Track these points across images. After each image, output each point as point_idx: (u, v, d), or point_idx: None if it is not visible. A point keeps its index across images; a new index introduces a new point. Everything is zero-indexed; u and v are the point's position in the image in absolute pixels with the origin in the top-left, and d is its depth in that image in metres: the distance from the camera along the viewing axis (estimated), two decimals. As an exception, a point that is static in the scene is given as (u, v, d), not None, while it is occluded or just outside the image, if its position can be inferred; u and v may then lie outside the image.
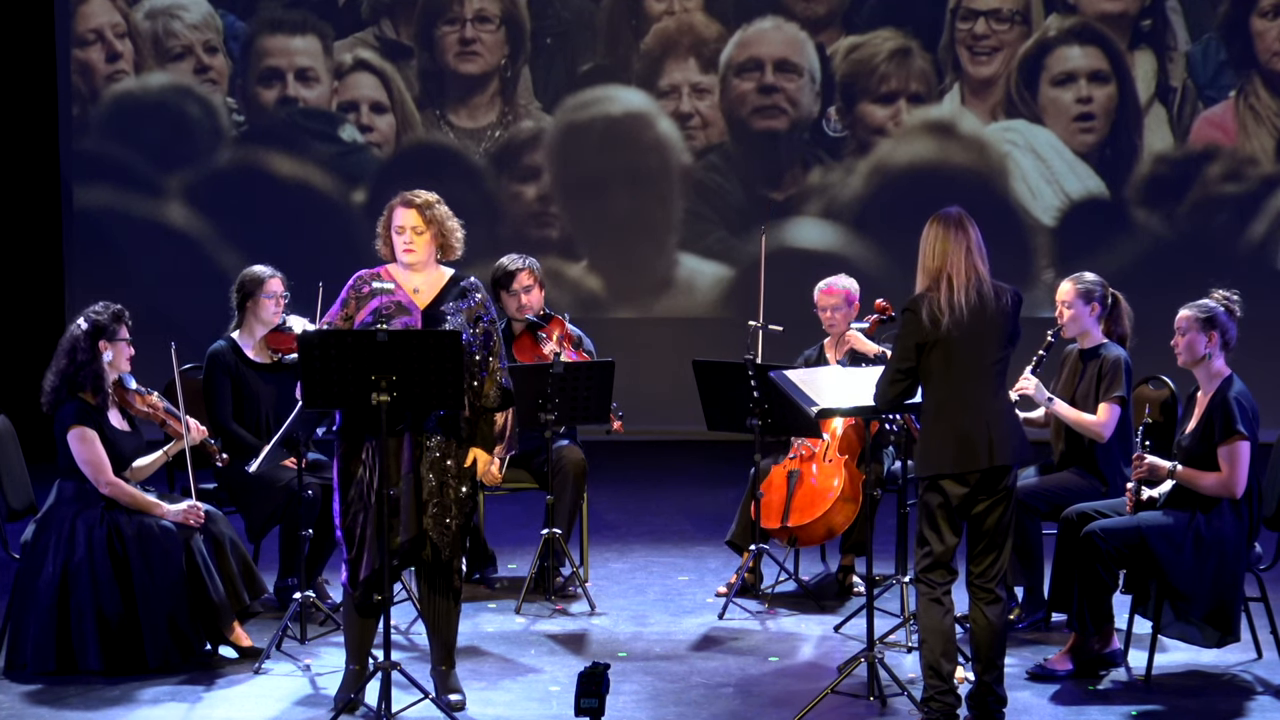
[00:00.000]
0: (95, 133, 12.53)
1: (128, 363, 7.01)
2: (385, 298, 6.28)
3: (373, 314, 6.25)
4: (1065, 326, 7.31)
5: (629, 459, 11.73)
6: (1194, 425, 6.69)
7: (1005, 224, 12.13)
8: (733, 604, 7.80)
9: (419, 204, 6.36)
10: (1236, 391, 6.62)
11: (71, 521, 6.81)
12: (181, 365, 7.31)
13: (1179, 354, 6.72)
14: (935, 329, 5.95)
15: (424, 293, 6.36)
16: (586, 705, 5.34)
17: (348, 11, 12.53)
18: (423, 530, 6.23)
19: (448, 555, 6.27)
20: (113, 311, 6.98)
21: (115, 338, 6.93)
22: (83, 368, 6.88)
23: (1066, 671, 6.74)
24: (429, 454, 6.22)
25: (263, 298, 7.70)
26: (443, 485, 6.24)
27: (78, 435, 6.82)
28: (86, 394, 6.87)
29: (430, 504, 6.22)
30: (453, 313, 6.32)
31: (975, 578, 6.09)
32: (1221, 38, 12.31)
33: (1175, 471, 6.63)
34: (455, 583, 6.35)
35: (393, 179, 12.31)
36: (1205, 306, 6.70)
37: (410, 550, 6.25)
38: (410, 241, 6.33)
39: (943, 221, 6.03)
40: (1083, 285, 7.31)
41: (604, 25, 12.60)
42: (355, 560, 6.24)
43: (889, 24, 12.47)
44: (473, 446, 6.29)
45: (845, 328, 8.10)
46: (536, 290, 8.16)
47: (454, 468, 6.25)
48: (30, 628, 6.79)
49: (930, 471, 6.03)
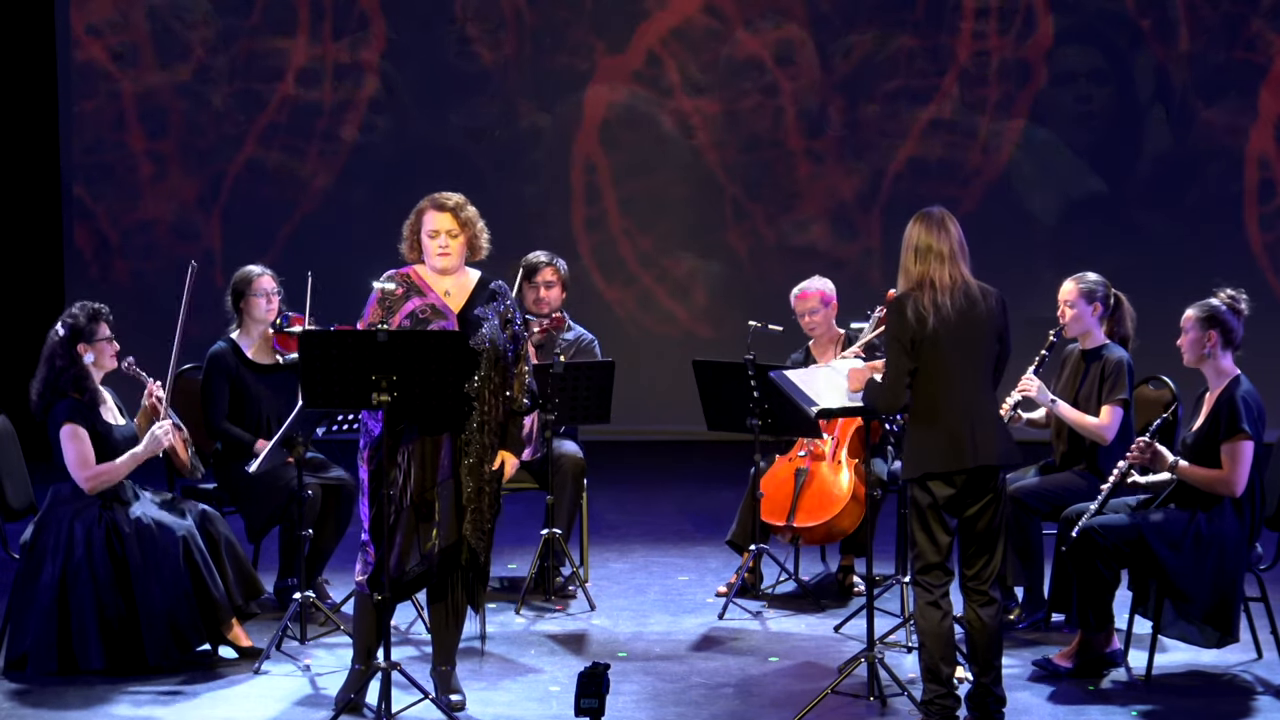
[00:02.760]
0: (95, 132, 12.53)
1: (112, 360, 6.97)
2: (419, 299, 6.26)
3: (409, 317, 6.24)
4: (1067, 326, 7.30)
5: (629, 459, 11.74)
6: (1200, 423, 6.69)
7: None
8: (733, 604, 7.80)
9: (452, 206, 6.32)
10: (1244, 391, 6.62)
11: (70, 522, 6.81)
12: (191, 283, 7.18)
13: (1184, 352, 6.72)
14: (921, 328, 5.95)
15: (455, 295, 6.33)
16: (586, 705, 5.35)
17: (348, 11, 12.53)
18: (461, 535, 6.22)
19: (485, 559, 6.28)
20: (89, 311, 6.95)
21: (94, 339, 6.90)
22: (63, 373, 6.87)
23: (1066, 669, 6.74)
24: (467, 458, 6.21)
25: (253, 296, 7.72)
26: (480, 490, 6.23)
27: (69, 433, 6.81)
28: (75, 393, 6.86)
29: (469, 509, 6.22)
30: (488, 316, 6.30)
31: (969, 580, 6.09)
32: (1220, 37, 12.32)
33: (1177, 466, 6.62)
34: (484, 587, 6.36)
35: (396, 178, 12.35)
36: (1207, 305, 6.70)
37: (448, 555, 6.23)
38: (446, 245, 6.30)
39: (924, 221, 6.03)
40: (1085, 285, 7.30)
41: (604, 22, 12.60)
42: (382, 561, 6.22)
43: (890, 23, 12.46)
44: (502, 450, 6.29)
45: (827, 329, 8.10)
46: (558, 288, 8.24)
47: (488, 472, 6.25)
48: (30, 629, 6.78)
49: (915, 472, 6.04)
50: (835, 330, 8.14)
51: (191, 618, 6.82)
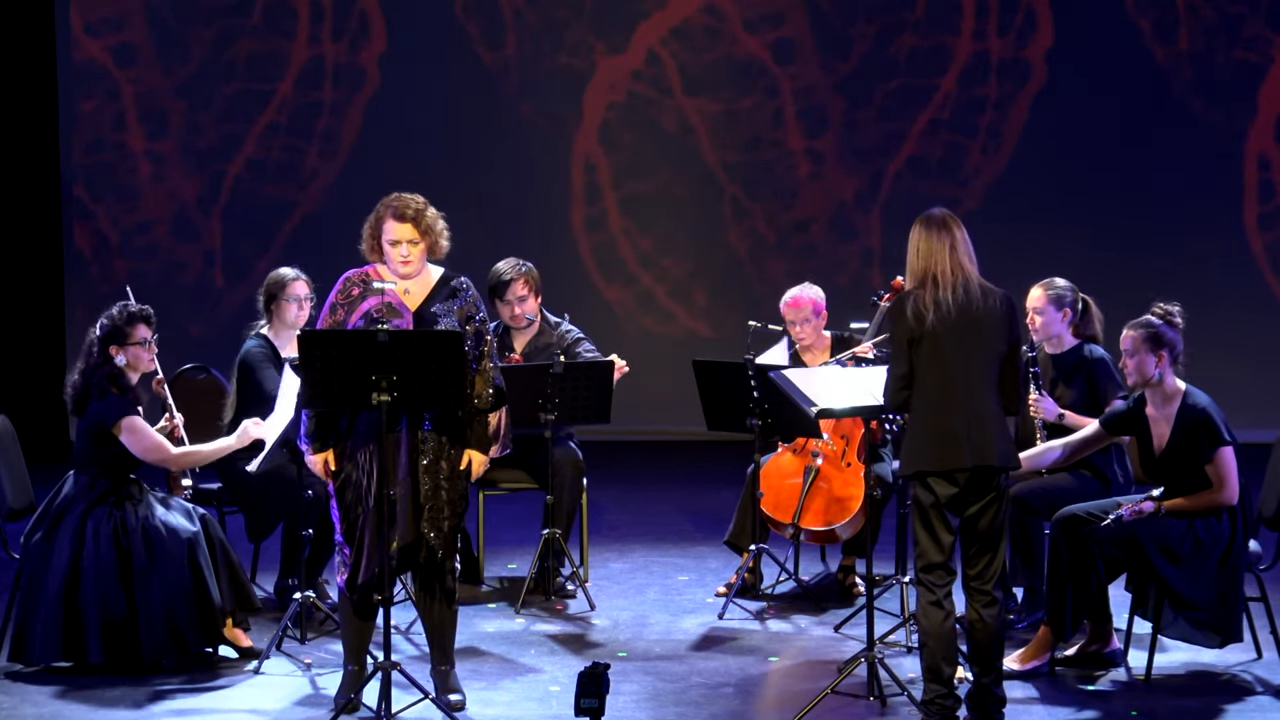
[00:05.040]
0: (95, 132, 12.53)
1: (150, 363, 6.94)
2: (375, 299, 6.26)
3: (364, 317, 6.25)
4: (1037, 332, 7.30)
5: (629, 459, 11.74)
6: (1165, 444, 6.66)
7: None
8: (733, 604, 7.79)
9: (413, 215, 6.30)
10: (1206, 402, 6.61)
11: (82, 517, 6.81)
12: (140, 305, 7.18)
13: (1129, 375, 6.70)
14: (920, 325, 5.95)
15: (414, 294, 6.34)
16: (586, 705, 5.34)
17: (348, 11, 12.53)
18: (420, 534, 6.23)
19: (441, 556, 6.27)
20: (127, 314, 6.92)
21: (128, 341, 6.87)
22: (95, 370, 6.87)
23: (1034, 668, 6.74)
24: (423, 457, 6.22)
25: (285, 300, 7.65)
26: (437, 488, 6.23)
27: (129, 426, 6.80)
28: (114, 389, 6.86)
29: (426, 507, 6.22)
30: (444, 313, 6.31)
31: (972, 580, 6.09)
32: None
33: (1162, 509, 6.62)
34: (449, 583, 6.34)
35: (396, 178, 12.33)
36: (1148, 325, 6.66)
37: (408, 554, 6.25)
38: (408, 254, 6.29)
39: (926, 222, 6.04)
40: (1054, 291, 7.31)
41: (604, 22, 12.61)
42: (355, 564, 6.24)
43: (890, 23, 12.47)
44: (467, 448, 6.29)
45: (816, 339, 8.09)
46: (531, 299, 8.12)
47: (447, 469, 6.25)
48: (39, 618, 6.77)
49: (911, 469, 6.04)
50: (825, 338, 8.12)
51: (190, 620, 6.82)
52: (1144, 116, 12.38)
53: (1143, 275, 11.60)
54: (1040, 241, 12.29)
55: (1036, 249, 12.16)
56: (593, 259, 12.74)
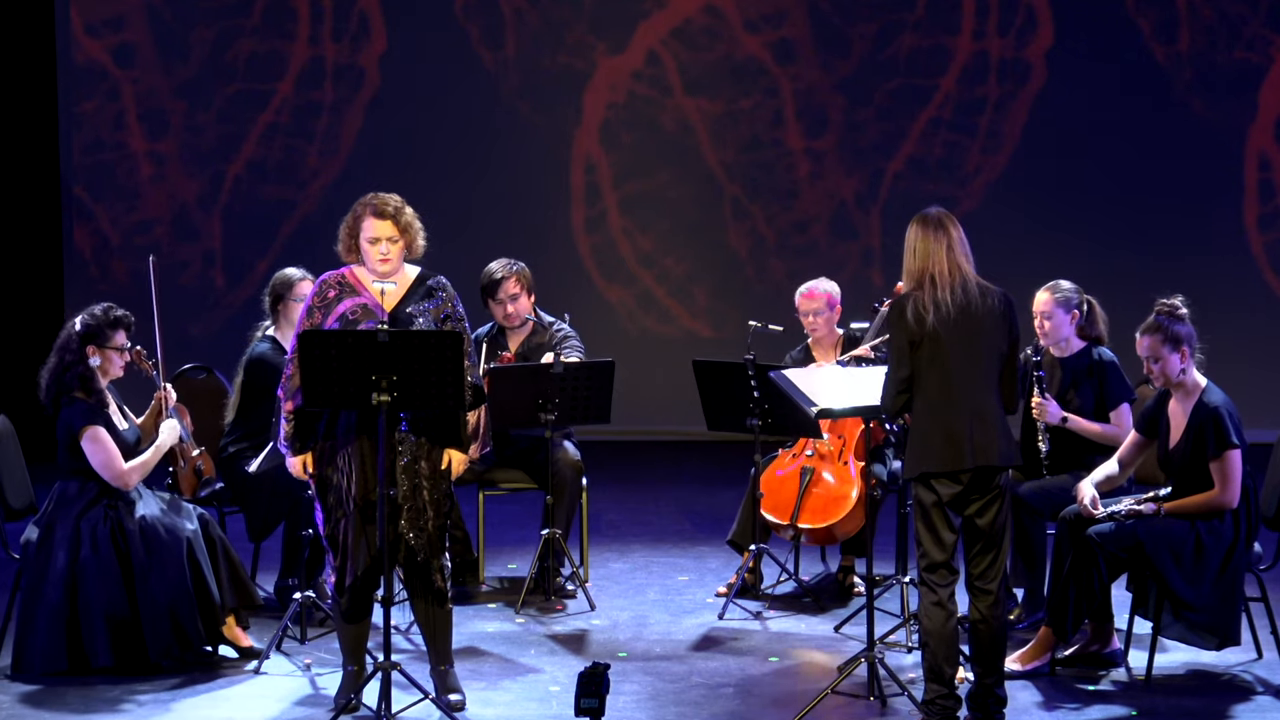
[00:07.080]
0: (95, 132, 12.53)
1: (120, 370, 6.90)
2: (351, 301, 6.26)
3: (339, 320, 6.24)
4: (1045, 336, 7.29)
5: (629, 459, 11.74)
6: (1179, 440, 6.66)
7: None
8: (733, 604, 7.80)
9: (392, 213, 6.31)
10: (1221, 401, 6.60)
11: (75, 521, 6.80)
12: (159, 285, 7.16)
13: (1155, 380, 6.69)
14: (920, 327, 5.95)
15: (390, 294, 6.32)
16: (586, 705, 5.34)
17: (348, 11, 12.54)
18: (399, 534, 6.22)
19: (424, 557, 6.25)
20: (111, 316, 6.90)
21: (106, 344, 6.85)
22: (69, 369, 6.83)
23: (1035, 669, 6.74)
24: (400, 458, 6.21)
25: (292, 301, 7.62)
26: (416, 488, 6.22)
27: (90, 436, 6.78)
28: (80, 393, 6.84)
29: (405, 507, 6.21)
30: (419, 313, 6.30)
31: (974, 579, 6.08)
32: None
33: (1162, 511, 6.62)
34: (438, 583, 6.33)
35: (396, 178, 12.33)
36: (1159, 324, 6.64)
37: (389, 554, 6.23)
38: (387, 252, 6.29)
39: (923, 222, 6.04)
40: (1060, 294, 7.31)
41: (604, 22, 12.61)
42: (340, 567, 6.24)
43: (890, 23, 12.47)
44: (446, 447, 6.29)
45: (828, 332, 8.10)
46: (524, 298, 8.12)
47: (427, 469, 6.24)
48: (39, 628, 6.77)
49: (915, 471, 6.03)
50: (836, 333, 8.14)
51: (192, 617, 6.82)
52: (1144, 116, 12.38)
53: (1143, 275, 11.58)
54: (1040, 242, 12.29)
55: (1036, 249, 12.17)
56: (592, 259, 12.74)
